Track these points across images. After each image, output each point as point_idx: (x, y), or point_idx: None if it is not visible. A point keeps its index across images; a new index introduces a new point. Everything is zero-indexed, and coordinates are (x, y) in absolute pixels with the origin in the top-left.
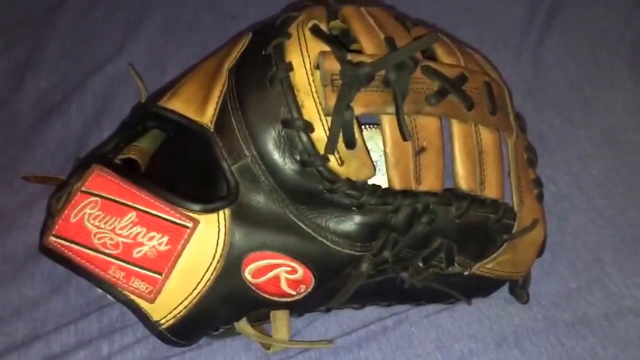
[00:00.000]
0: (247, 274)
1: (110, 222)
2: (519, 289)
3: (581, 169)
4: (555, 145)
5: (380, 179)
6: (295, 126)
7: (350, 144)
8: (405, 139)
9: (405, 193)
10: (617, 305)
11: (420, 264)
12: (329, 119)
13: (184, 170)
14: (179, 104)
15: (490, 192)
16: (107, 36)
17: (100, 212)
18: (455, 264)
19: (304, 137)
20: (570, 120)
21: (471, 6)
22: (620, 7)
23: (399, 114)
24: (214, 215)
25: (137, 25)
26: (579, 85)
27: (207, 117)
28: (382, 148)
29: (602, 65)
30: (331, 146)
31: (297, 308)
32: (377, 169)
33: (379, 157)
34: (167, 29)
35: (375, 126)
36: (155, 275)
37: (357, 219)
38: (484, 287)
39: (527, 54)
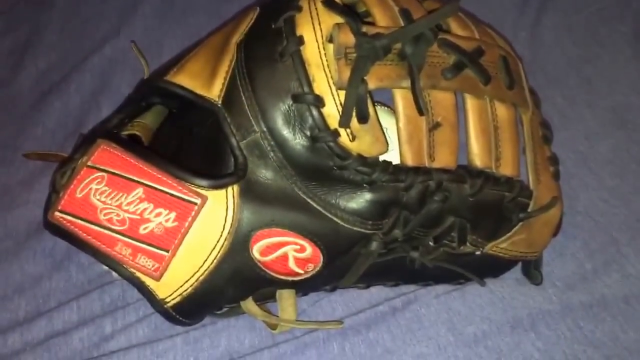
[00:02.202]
0: (255, 251)
1: (117, 198)
2: (533, 270)
3: (588, 147)
4: (559, 124)
5: (390, 156)
6: (306, 101)
7: (364, 118)
8: (421, 114)
9: (418, 170)
10: (636, 287)
11: (431, 243)
12: (341, 93)
13: (188, 147)
14: (186, 79)
15: (506, 169)
16: (104, 18)
17: (106, 188)
18: (468, 244)
19: (315, 112)
20: (572, 99)
21: None
22: None
23: (415, 88)
24: (222, 192)
25: (134, 6)
26: (579, 64)
27: (215, 92)
28: (387, 127)
29: (603, 44)
30: (345, 119)
31: (302, 287)
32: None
33: (388, 137)
34: (162, 11)
35: (379, 105)
36: (162, 252)
37: (368, 196)
38: (495, 267)
39: (524, 34)
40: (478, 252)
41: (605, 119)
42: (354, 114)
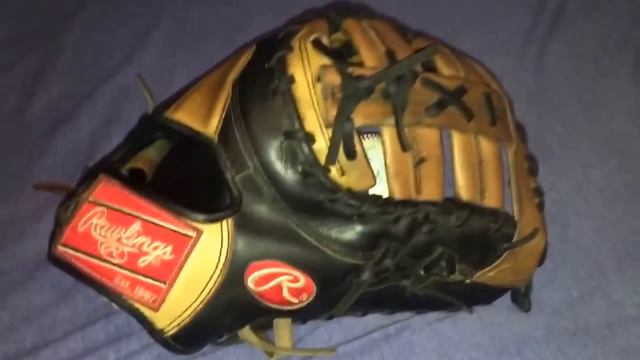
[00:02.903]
0: (250, 282)
1: (116, 232)
2: (521, 297)
3: (583, 176)
4: (558, 153)
5: (383, 187)
6: (297, 137)
7: (351, 155)
8: (405, 150)
9: (406, 202)
10: (619, 314)
11: (422, 273)
12: (330, 130)
13: (189, 180)
14: (184, 115)
15: (491, 201)
16: (116, 46)
17: (106, 222)
18: (457, 272)
19: (306, 148)
20: (572, 127)
21: (474, 15)
22: (623, 16)
23: (398, 126)
24: (217, 225)
25: (146, 36)
26: (582, 93)
27: (212, 128)
28: (379, 157)
29: (605, 73)
30: (332, 157)
31: (299, 316)
32: (379, 178)
33: (380, 166)
34: (175, 40)
35: (378, 135)
36: (160, 284)
37: (359, 228)
38: (485, 295)
39: (529, 63)
40: (468, 281)
41: (602, 147)
42: (341, 150)
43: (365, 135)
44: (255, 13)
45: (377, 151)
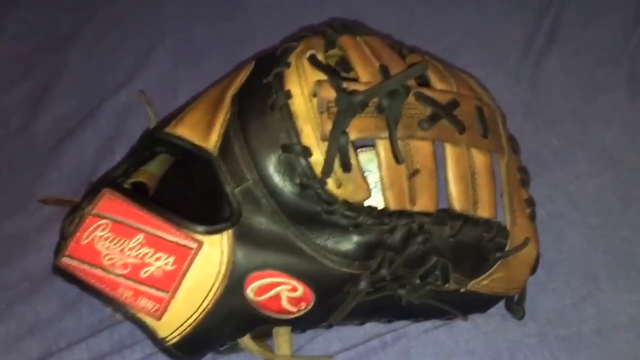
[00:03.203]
0: (250, 292)
1: (120, 244)
2: (515, 305)
3: (577, 187)
4: (553, 165)
5: (379, 199)
6: (294, 151)
7: (346, 167)
8: (398, 163)
9: (401, 213)
10: (610, 321)
11: (417, 282)
12: (326, 144)
13: (190, 193)
14: (185, 130)
15: (483, 212)
16: (120, 64)
17: (110, 234)
18: (451, 281)
19: (303, 162)
20: (567, 140)
21: (470, 29)
22: (617, 29)
23: (392, 139)
24: (217, 237)
25: (149, 53)
26: (577, 106)
27: (212, 142)
28: (374, 170)
29: (599, 86)
30: (327, 170)
31: (298, 324)
32: (376, 190)
33: (378, 178)
34: (177, 56)
35: (370, 148)
36: (162, 294)
37: (355, 238)
38: (480, 303)
39: (525, 76)
40: (462, 289)
41: (596, 158)
42: (337, 163)
43: (364, 148)
44: (257, 29)
45: (375, 164)
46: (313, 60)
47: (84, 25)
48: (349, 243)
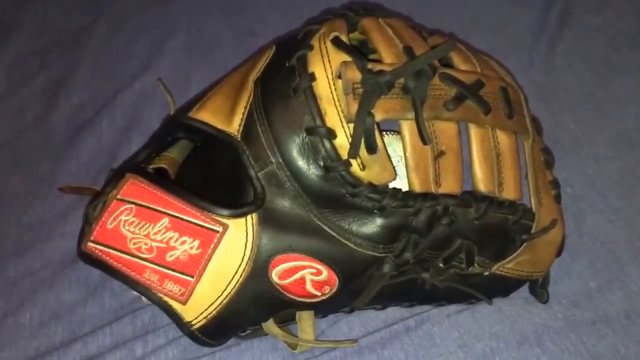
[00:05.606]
0: (274, 275)
1: (145, 228)
2: (539, 289)
3: (597, 170)
4: (570, 148)
5: (399, 183)
6: (318, 133)
7: (372, 149)
8: (425, 144)
9: (425, 195)
10: (637, 304)
11: (441, 265)
12: (351, 125)
13: (211, 178)
14: (208, 115)
15: (509, 193)
16: (134, 55)
17: (135, 219)
18: (476, 264)
19: (327, 144)
20: (584, 123)
21: (482, 15)
22: (630, 12)
23: (418, 120)
24: (242, 220)
25: (162, 44)
26: (592, 89)
27: (234, 126)
28: (400, 154)
29: (614, 69)
30: (354, 151)
31: (321, 309)
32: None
33: (397, 163)
34: (190, 47)
35: (392, 133)
36: (187, 278)
37: (379, 221)
38: (504, 286)
39: (539, 60)
40: (486, 273)
41: (615, 141)
42: (362, 145)
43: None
44: (266, 19)
45: (393, 149)
46: (337, 42)
47: (98, 19)
48: (373, 226)
